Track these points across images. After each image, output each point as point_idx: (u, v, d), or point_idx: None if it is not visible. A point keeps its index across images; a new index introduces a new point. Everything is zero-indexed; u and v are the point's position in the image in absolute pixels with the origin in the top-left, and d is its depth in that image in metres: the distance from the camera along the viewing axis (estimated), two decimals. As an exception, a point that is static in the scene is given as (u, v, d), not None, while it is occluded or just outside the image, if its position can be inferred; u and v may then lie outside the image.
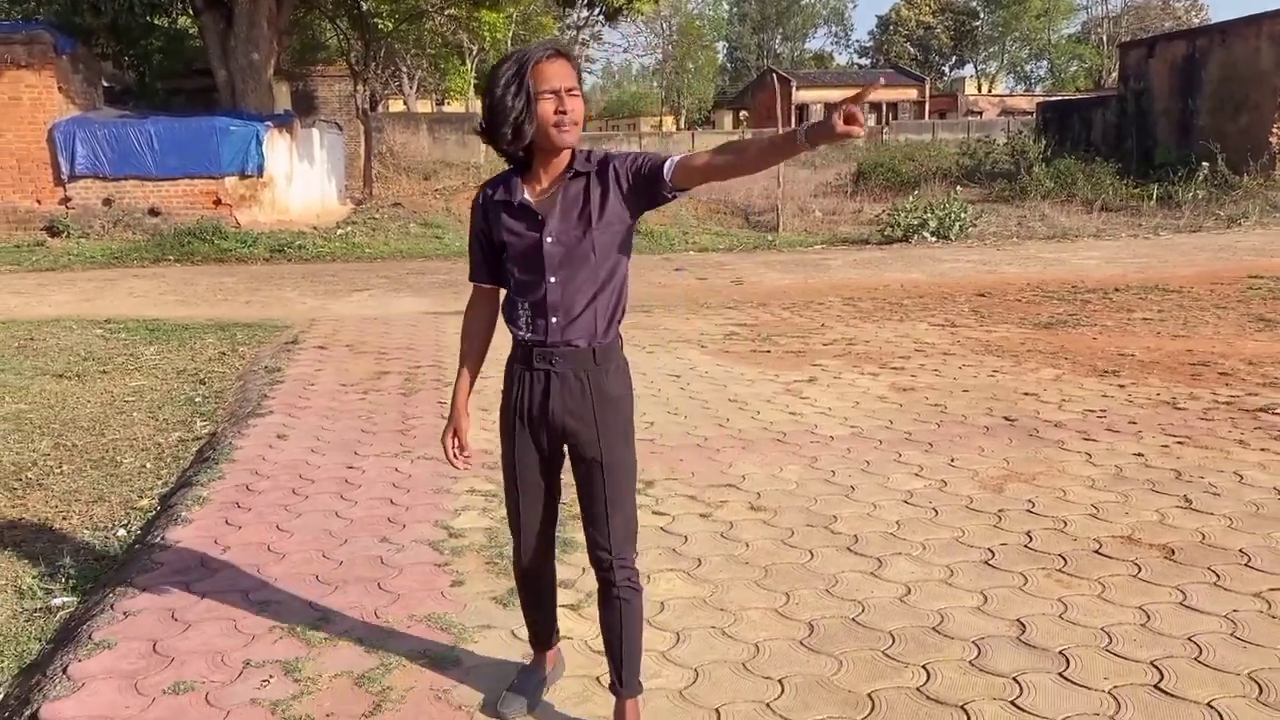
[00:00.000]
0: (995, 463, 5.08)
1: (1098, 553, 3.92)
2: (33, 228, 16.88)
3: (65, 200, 17.31)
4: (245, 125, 17.66)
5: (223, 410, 6.49)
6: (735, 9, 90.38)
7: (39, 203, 17.34)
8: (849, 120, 2.18)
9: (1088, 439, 5.46)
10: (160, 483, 5.12)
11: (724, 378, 7.12)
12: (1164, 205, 19.95)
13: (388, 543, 4.14)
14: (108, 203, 17.32)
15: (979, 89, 75.70)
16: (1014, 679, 2.99)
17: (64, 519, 4.60)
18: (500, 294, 2.75)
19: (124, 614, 3.50)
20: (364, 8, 23.17)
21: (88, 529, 4.48)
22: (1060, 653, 3.14)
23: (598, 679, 3.03)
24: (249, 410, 6.30)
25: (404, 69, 38.36)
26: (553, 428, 2.62)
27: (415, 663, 3.15)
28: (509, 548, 4.01)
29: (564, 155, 2.53)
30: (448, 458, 2.83)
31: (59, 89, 17.40)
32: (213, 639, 3.33)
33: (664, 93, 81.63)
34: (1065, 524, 4.23)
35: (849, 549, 4.01)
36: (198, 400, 6.77)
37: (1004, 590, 3.60)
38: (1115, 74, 33.93)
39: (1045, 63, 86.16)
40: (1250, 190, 20.41)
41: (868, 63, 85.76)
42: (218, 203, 17.53)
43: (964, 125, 45.66)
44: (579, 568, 3.81)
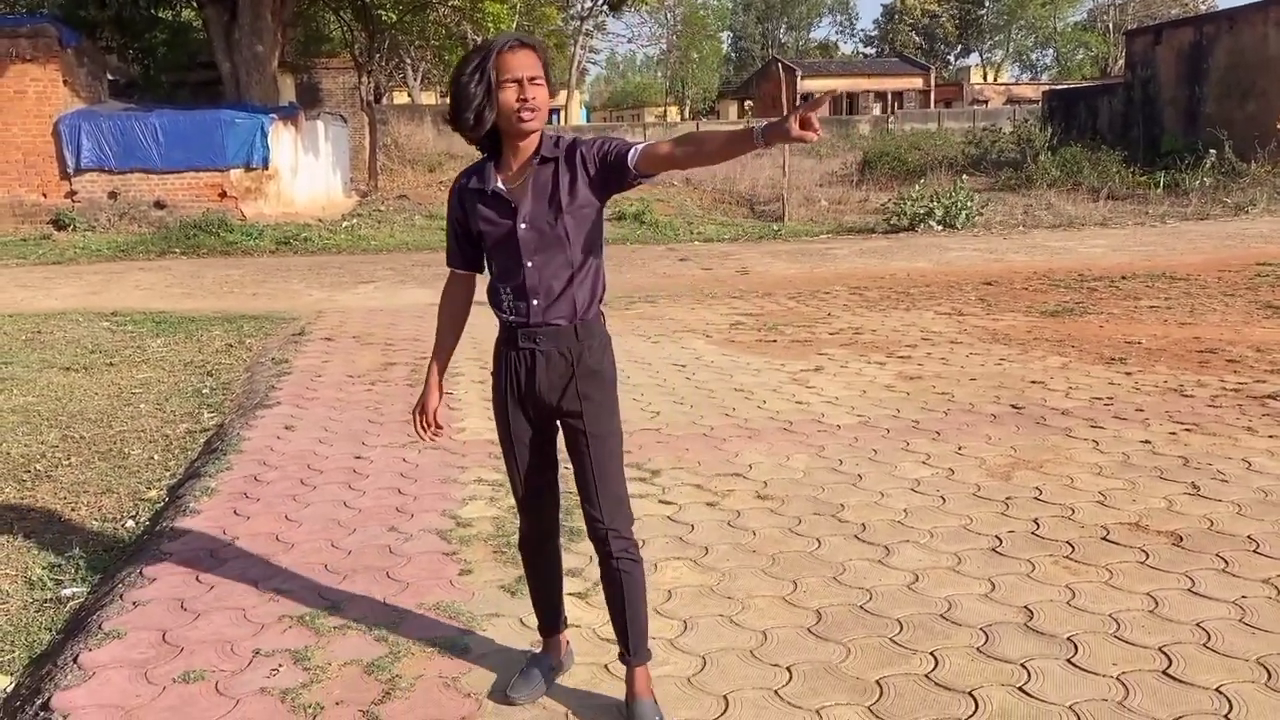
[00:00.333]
0: (1003, 450, 5.08)
1: (1105, 539, 3.92)
2: (39, 221, 16.92)
3: (71, 194, 17.35)
4: (250, 118, 17.68)
5: (230, 402, 6.50)
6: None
7: (45, 196, 17.38)
8: (804, 125, 2.25)
9: (1095, 426, 5.45)
10: (168, 474, 5.14)
11: (730, 367, 7.12)
12: (1171, 193, 19.88)
13: (396, 532, 4.15)
14: (113, 196, 17.35)
15: (984, 77, 75.39)
16: (1022, 665, 2.99)
17: (73, 510, 4.61)
18: (475, 279, 2.88)
19: (134, 604, 3.51)
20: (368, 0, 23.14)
21: (96, 520, 4.50)
22: (1068, 639, 3.14)
23: (606, 667, 3.04)
24: (256, 401, 6.31)
25: (408, 61, 38.34)
26: (541, 403, 2.71)
27: (424, 650, 3.16)
28: (516, 536, 4.03)
29: (531, 142, 2.60)
30: (416, 431, 2.97)
31: (64, 82, 17.42)
32: (222, 628, 3.34)
33: (668, 83, 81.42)
34: (1073, 511, 4.22)
35: (856, 537, 4.01)
36: (205, 392, 6.79)
37: (1012, 577, 3.60)
38: (1121, 62, 33.82)
39: (1051, 51, 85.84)
40: (1258, 177, 20.34)
41: (873, 51, 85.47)
42: (223, 195, 17.55)
43: (969, 114, 45.50)
44: (586, 556, 3.81)
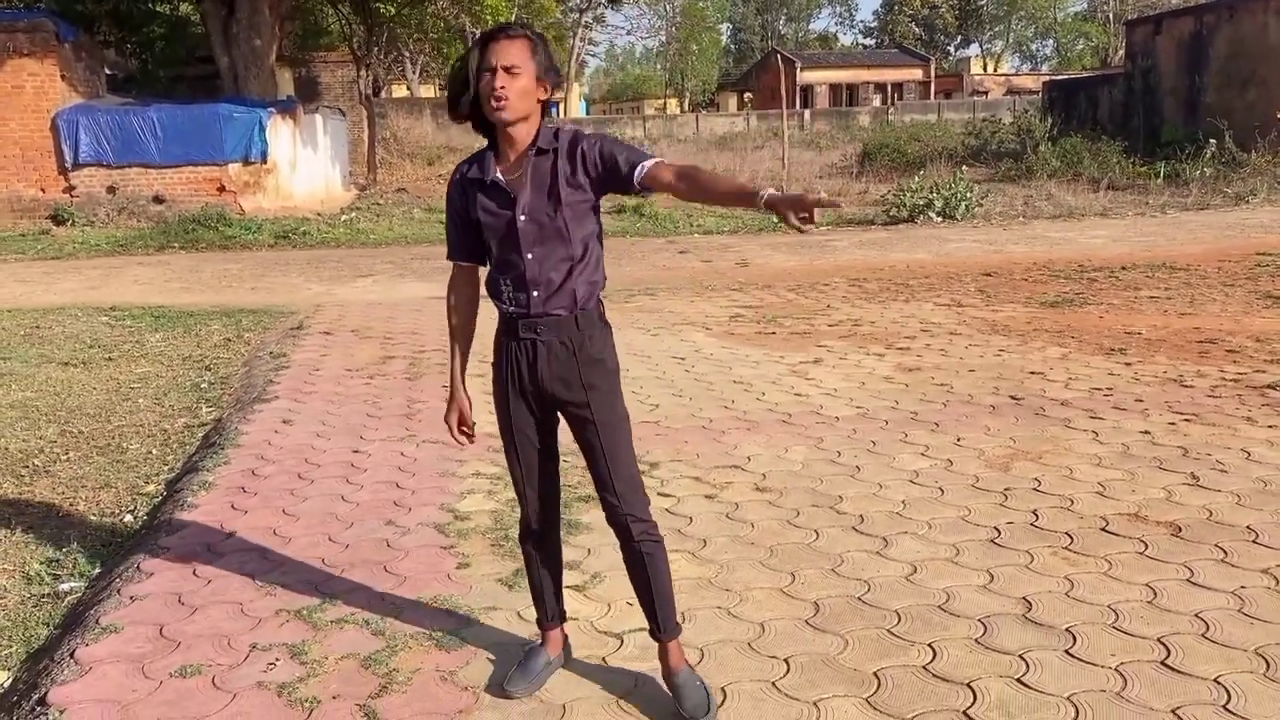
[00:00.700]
0: (1001, 442, 5.07)
1: (1104, 530, 3.91)
2: (37, 216, 16.90)
3: (69, 189, 17.33)
4: (248, 112, 17.64)
5: (228, 396, 6.50)
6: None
7: (43, 191, 17.36)
8: (805, 215, 2.34)
9: (1094, 417, 5.44)
10: (166, 468, 5.13)
11: (729, 360, 7.11)
12: (1171, 183, 19.83)
13: (393, 526, 4.15)
14: (112, 191, 17.32)
15: (984, 68, 75.27)
16: (1020, 656, 2.99)
17: (70, 505, 4.61)
18: (480, 271, 2.85)
19: (131, 598, 3.51)
20: (365, -8, 23.10)
21: (94, 515, 4.50)
22: (1067, 630, 3.14)
23: (604, 659, 3.03)
24: (254, 396, 6.31)
25: (406, 54, 38.26)
26: (543, 394, 2.71)
27: (421, 644, 3.15)
28: (514, 529, 4.03)
29: (525, 132, 2.59)
30: (453, 437, 2.93)
31: (61, 77, 17.39)
32: (219, 622, 3.33)
33: (668, 75, 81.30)
34: (1072, 502, 4.22)
35: (855, 529, 4.01)
36: (203, 386, 6.78)
37: (1010, 568, 3.59)
38: (1122, 52, 33.76)
39: (1051, 41, 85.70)
40: (1258, 167, 20.29)
41: (872, 43, 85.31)
42: (222, 189, 17.53)
43: (969, 105, 45.49)
44: (585, 549, 3.82)
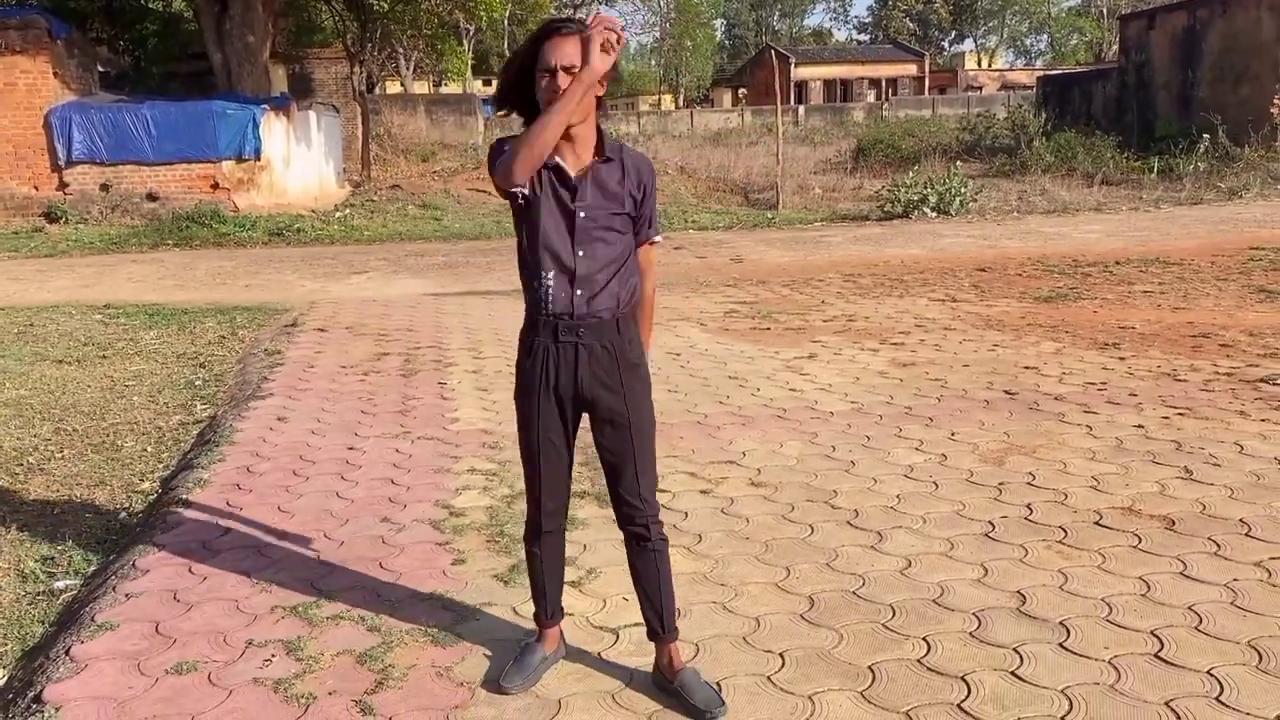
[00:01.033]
0: (996, 436, 5.08)
1: (1098, 524, 3.93)
2: (31, 214, 16.86)
3: (63, 186, 17.29)
4: (242, 109, 17.61)
5: (223, 393, 6.49)
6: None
7: (36, 189, 17.32)
8: None
9: (1088, 411, 5.45)
10: (161, 466, 5.13)
11: (724, 355, 7.11)
12: (1165, 178, 19.87)
13: (389, 522, 4.15)
14: (105, 188, 17.29)
15: (979, 64, 75.28)
16: (1014, 650, 3.00)
17: (65, 503, 4.61)
18: None
19: (126, 596, 3.51)
20: (359, -12, 23.03)
21: (89, 512, 4.49)
22: (1060, 623, 3.15)
23: (600, 655, 3.04)
24: (249, 393, 6.30)
25: (400, 50, 38.15)
26: (581, 397, 2.70)
27: (417, 640, 3.16)
28: (511, 526, 4.04)
29: (585, 134, 2.61)
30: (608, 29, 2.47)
31: (54, 74, 17.35)
32: (215, 619, 3.34)
33: (662, 71, 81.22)
34: (1066, 496, 4.23)
35: (849, 523, 4.02)
36: (198, 384, 6.77)
37: (1004, 562, 3.61)
38: (1116, 47, 33.78)
39: (1045, 36, 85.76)
40: (1251, 162, 20.34)
41: (866, 38, 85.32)
42: (215, 187, 17.50)
43: (964, 100, 45.48)
44: (581, 545, 3.82)
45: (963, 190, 16.96)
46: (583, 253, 2.61)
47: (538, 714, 2.76)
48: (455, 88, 49.17)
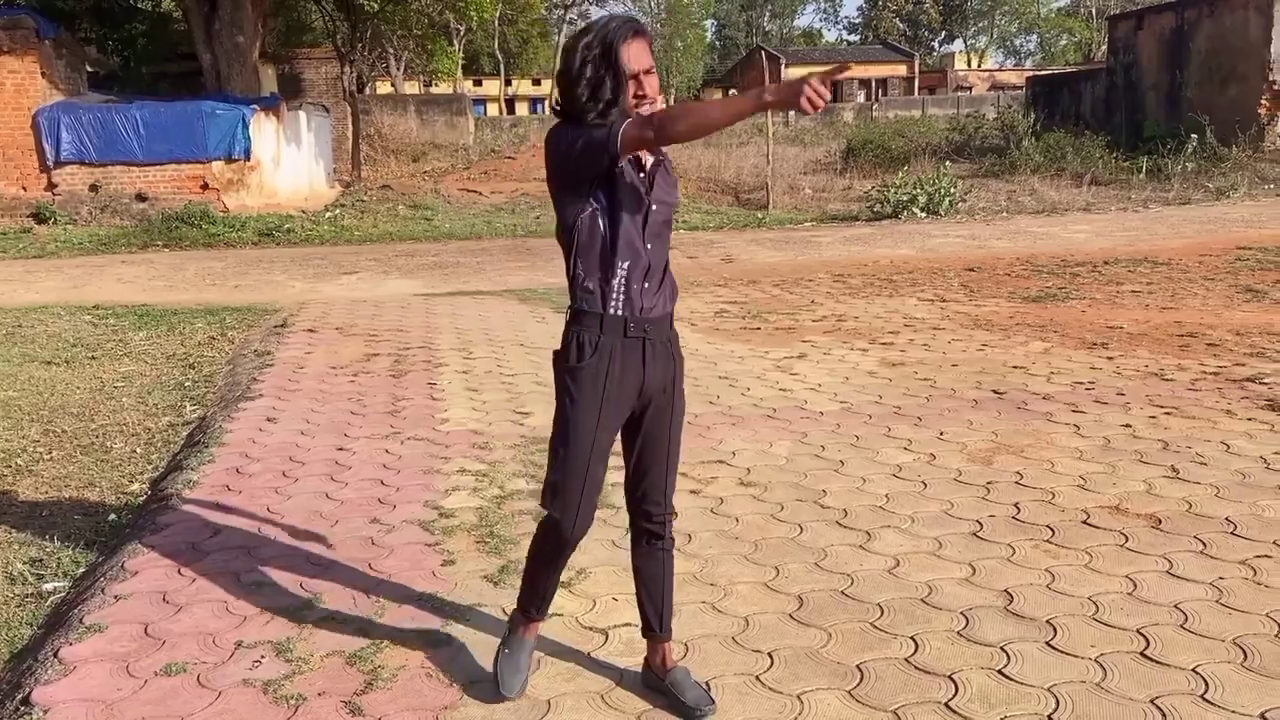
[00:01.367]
0: (984, 436, 5.10)
1: (1085, 523, 3.95)
2: (19, 215, 16.80)
3: (51, 187, 17.23)
4: (231, 109, 17.58)
5: (212, 394, 6.48)
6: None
7: (24, 189, 17.26)
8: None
9: (1076, 411, 5.48)
10: (150, 467, 5.12)
11: (714, 355, 7.12)
12: (1153, 178, 19.96)
13: (378, 523, 4.15)
14: (94, 189, 17.23)
15: (968, 64, 75.53)
16: (1002, 648, 3.02)
17: (54, 505, 4.59)
18: None
19: (115, 597, 3.50)
20: (349, -11, 23.02)
21: (78, 514, 4.48)
22: (1048, 622, 3.16)
23: (590, 654, 3.04)
24: (239, 394, 6.29)
25: (391, 50, 38.12)
26: (643, 396, 2.65)
27: (406, 641, 3.16)
28: (500, 527, 4.04)
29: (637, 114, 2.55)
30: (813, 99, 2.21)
31: (42, 74, 17.29)
32: (204, 621, 3.33)
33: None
34: (1053, 495, 4.25)
35: (838, 523, 4.03)
36: (187, 385, 6.76)
37: (992, 561, 3.62)
38: (1104, 47, 33.90)
39: (1035, 37, 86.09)
40: (1239, 162, 20.44)
41: (856, 39, 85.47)
42: (205, 187, 17.47)
43: (953, 101, 45.64)
44: (569, 545, 3.82)
45: (952, 191, 17.01)
46: (650, 246, 2.60)
47: (527, 714, 2.76)
48: (446, 88, 49.12)
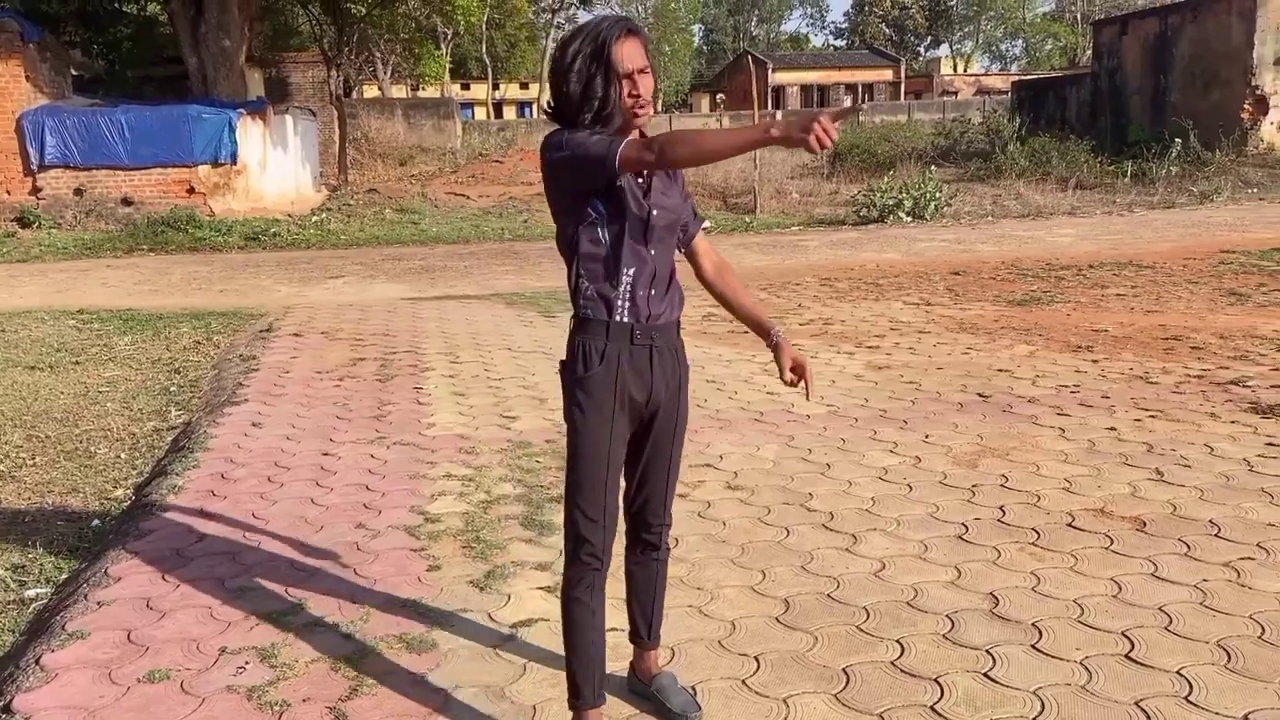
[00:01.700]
0: (969, 439, 5.11)
1: (1070, 526, 3.96)
2: (3, 219, 16.70)
3: (35, 191, 17.14)
4: (218, 113, 17.52)
5: (198, 399, 6.45)
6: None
7: (8, 193, 17.16)
8: (799, 374, 2.61)
9: (1061, 414, 5.50)
10: (135, 472, 5.09)
11: (702, 359, 7.12)
12: (1138, 182, 20.07)
13: (364, 529, 4.13)
14: (79, 193, 17.15)
15: (954, 69, 75.84)
16: (987, 651, 3.02)
17: (37, 510, 4.56)
18: None
19: (98, 604, 3.48)
20: (336, -8, 22.98)
21: (61, 520, 4.45)
22: (1033, 625, 3.17)
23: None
24: (224, 399, 6.27)
25: (378, 54, 38.08)
26: (651, 405, 2.59)
27: (392, 647, 3.14)
28: (486, 531, 4.03)
29: (638, 132, 2.50)
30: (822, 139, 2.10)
31: (26, 78, 17.20)
32: (188, 627, 3.31)
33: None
34: (1038, 498, 4.26)
35: (825, 526, 4.04)
36: (172, 390, 6.73)
37: (977, 564, 3.63)
38: (1089, 52, 34.08)
39: (1020, 42, 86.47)
40: (1222, 166, 20.59)
41: (843, 44, 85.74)
42: (191, 191, 17.40)
43: (939, 105, 45.80)
44: (556, 549, 3.81)
45: (938, 195, 17.07)
46: (654, 252, 2.54)
47: None
48: (433, 92, 49.05)
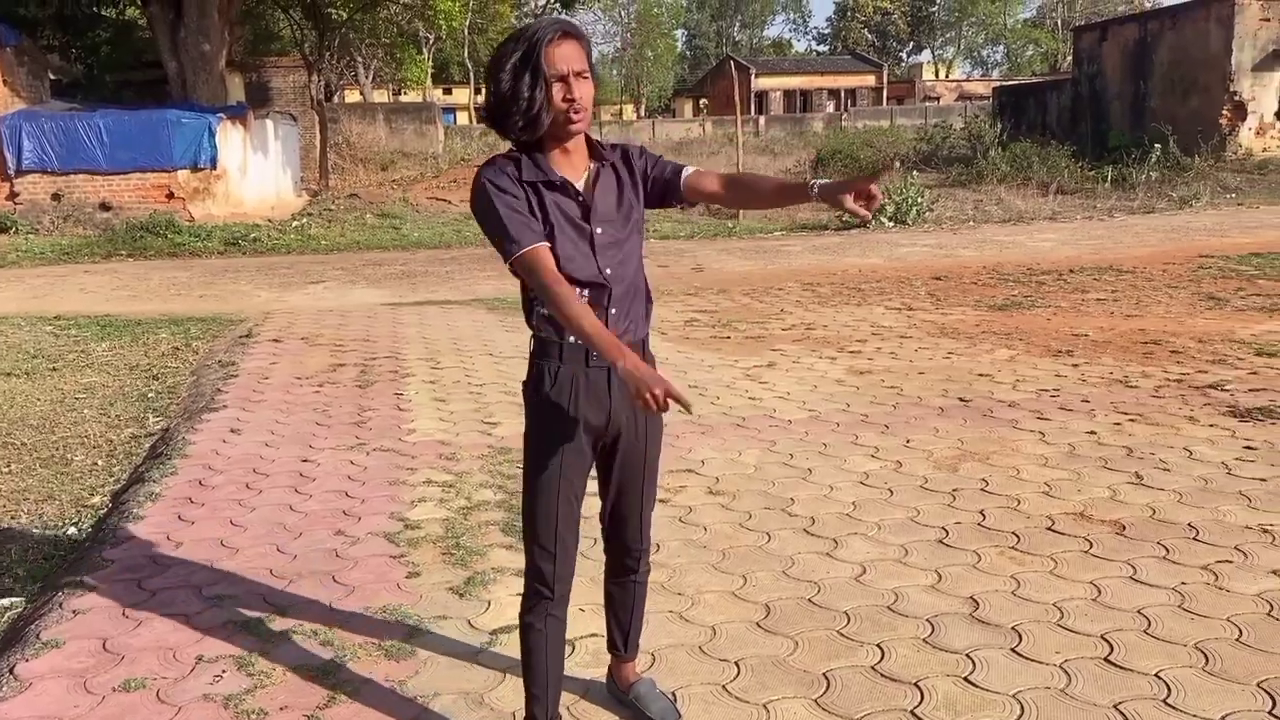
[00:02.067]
0: (950, 443, 5.12)
1: (1050, 530, 3.97)
2: (-21, 224, 16.56)
3: (12, 196, 16.99)
4: (197, 118, 17.42)
5: (176, 405, 6.40)
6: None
7: (-14, 199, 17.02)
8: (866, 197, 2.24)
9: (1041, 418, 5.52)
10: (112, 479, 5.04)
11: (684, 364, 7.12)
12: (1118, 187, 20.21)
13: (343, 535, 4.10)
14: (56, 198, 17.02)
15: (936, 74, 76.20)
16: (967, 655, 3.02)
17: (12, 518, 4.51)
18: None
19: (73, 612, 3.45)
20: (317, -3, 22.92)
21: (37, 528, 4.41)
22: (1013, 628, 3.18)
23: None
24: (202, 405, 6.22)
25: (359, 59, 38.00)
26: (611, 429, 2.46)
27: (370, 654, 3.12)
28: (466, 538, 4.01)
29: (581, 141, 2.40)
30: (672, 398, 2.23)
31: (3, 82, 17.09)
32: (164, 635, 3.28)
33: (624, 81, 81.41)
34: (1018, 502, 4.27)
35: (806, 530, 4.03)
36: (150, 396, 6.68)
37: (958, 568, 3.64)
38: (1070, 58, 34.32)
39: (1001, 47, 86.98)
40: (1201, 172, 20.75)
41: (826, 49, 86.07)
42: (170, 196, 17.29)
43: (921, 111, 46.02)
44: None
45: (920, 200, 17.14)
46: (610, 270, 2.39)
47: (492, 727, 2.74)
48: (415, 96, 48.99)
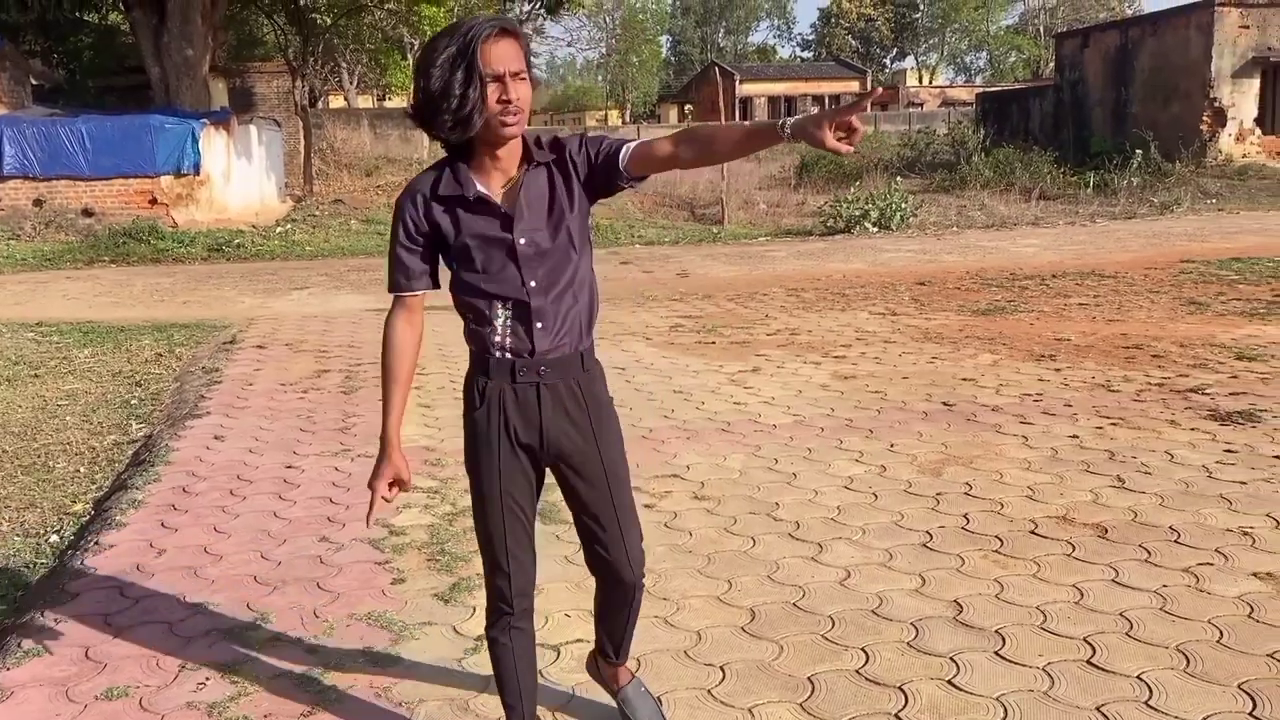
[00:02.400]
0: (934, 447, 5.14)
1: (1033, 533, 3.99)
2: (-40, 230, 16.44)
3: (-6, 201, 16.89)
4: (181, 123, 17.35)
5: (159, 412, 6.37)
6: (678, 2, 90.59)
7: (-34, 205, 16.90)
8: (847, 129, 1.98)
9: (1024, 422, 5.55)
10: (94, 487, 5.02)
11: (669, 370, 7.13)
12: (1100, 193, 20.34)
13: (327, 542, 4.09)
14: (38, 204, 16.92)
15: (920, 80, 76.55)
16: (951, 659, 3.04)
17: (-7, 526, 4.49)
18: (423, 301, 2.43)
19: (55, 620, 3.42)
20: (301, 2, 22.86)
21: (18, 535, 4.38)
22: (996, 632, 3.19)
23: (541, 672, 3.01)
24: (186, 412, 6.19)
25: (344, 64, 37.90)
26: (547, 447, 2.34)
27: (355, 662, 3.11)
28: (452, 544, 4.01)
29: (515, 143, 2.25)
30: (378, 499, 2.45)
31: (-15, 87, 16.97)
32: (148, 643, 3.26)
33: (608, 86, 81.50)
34: (1002, 506, 4.30)
35: (790, 535, 4.04)
36: (133, 403, 6.64)
37: (942, 572, 3.65)
38: (1052, 64, 34.55)
39: (984, 54, 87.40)
40: (1182, 177, 20.93)
41: (810, 55, 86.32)
42: (153, 202, 17.21)
43: (905, 117, 46.20)
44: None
45: (903, 205, 17.22)
46: (534, 282, 2.25)
47: (477, 733, 2.73)
48: (400, 102, 48.88)
